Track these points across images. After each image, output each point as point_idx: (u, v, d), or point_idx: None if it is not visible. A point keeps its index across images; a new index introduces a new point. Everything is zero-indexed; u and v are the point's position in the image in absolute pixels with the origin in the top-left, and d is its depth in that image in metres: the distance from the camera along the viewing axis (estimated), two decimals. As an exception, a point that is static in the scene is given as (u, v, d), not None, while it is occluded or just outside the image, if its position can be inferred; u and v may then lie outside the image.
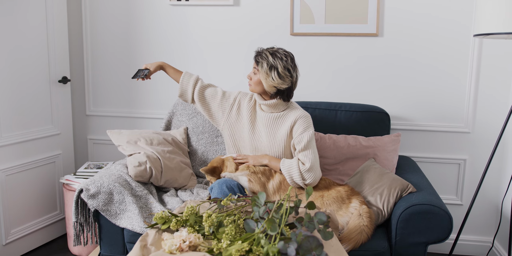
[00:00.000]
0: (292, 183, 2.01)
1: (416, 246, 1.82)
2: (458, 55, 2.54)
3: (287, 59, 2.00)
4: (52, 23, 2.66)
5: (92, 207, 1.98)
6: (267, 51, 2.02)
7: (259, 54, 2.03)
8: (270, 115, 2.12)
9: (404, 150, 2.67)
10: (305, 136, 2.03)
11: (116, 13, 2.86)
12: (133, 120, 2.96)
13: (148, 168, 2.16)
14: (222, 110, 2.21)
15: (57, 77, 2.73)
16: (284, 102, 2.11)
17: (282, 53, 2.01)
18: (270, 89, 2.04)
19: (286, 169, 2.01)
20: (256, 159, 2.09)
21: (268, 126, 2.12)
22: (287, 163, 2.02)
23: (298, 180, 1.98)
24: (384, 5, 2.56)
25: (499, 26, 1.76)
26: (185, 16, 2.79)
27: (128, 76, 2.91)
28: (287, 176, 2.00)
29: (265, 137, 2.12)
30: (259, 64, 2.01)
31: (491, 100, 2.54)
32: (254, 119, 2.17)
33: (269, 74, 1.99)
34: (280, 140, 2.09)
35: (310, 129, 2.06)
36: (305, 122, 2.06)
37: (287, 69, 2.00)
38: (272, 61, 1.98)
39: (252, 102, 2.19)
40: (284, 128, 2.09)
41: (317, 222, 1.31)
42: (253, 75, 2.07)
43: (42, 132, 2.65)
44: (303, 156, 2.02)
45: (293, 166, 2.00)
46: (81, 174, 2.56)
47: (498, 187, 2.59)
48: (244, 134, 2.17)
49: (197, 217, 1.40)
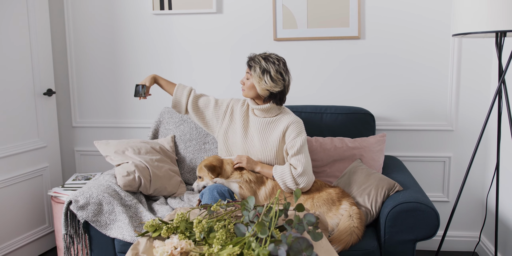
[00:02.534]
0: (286, 188, 2.03)
1: (405, 244, 1.84)
2: (439, 54, 2.60)
3: (279, 63, 2.05)
4: (35, 35, 2.65)
5: (82, 218, 1.98)
6: (259, 56, 2.07)
7: (252, 59, 2.08)
8: (263, 120, 2.15)
9: (390, 150, 2.71)
10: (298, 141, 2.06)
11: (100, 23, 2.87)
12: (120, 130, 2.96)
13: (137, 177, 2.16)
14: (216, 117, 2.23)
15: (42, 89, 2.72)
16: (277, 106, 2.14)
17: (274, 57, 2.06)
18: (263, 93, 2.07)
19: (279, 175, 2.03)
20: (250, 163, 2.10)
21: (260, 131, 2.14)
22: (279, 169, 2.05)
23: (292, 185, 2.01)
24: (365, 6, 2.61)
25: (475, 26, 1.81)
26: (168, 25, 2.81)
27: (113, 86, 2.91)
28: (280, 182, 2.03)
29: (257, 142, 2.14)
30: (252, 68, 2.05)
31: (473, 98, 2.60)
32: (247, 124, 2.19)
33: (262, 78, 2.03)
34: (273, 145, 2.11)
35: (303, 134, 2.09)
36: (298, 128, 2.10)
37: (279, 72, 2.04)
38: (264, 65, 2.02)
39: (244, 107, 2.22)
40: (276, 133, 2.11)
41: (306, 223, 1.33)
42: (246, 80, 2.10)
43: (28, 145, 2.63)
44: (296, 161, 2.05)
45: (286, 172, 2.02)
46: (69, 186, 2.54)
47: (482, 183, 2.65)
48: (236, 138, 2.19)
49: (187, 223, 1.41)
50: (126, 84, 2.90)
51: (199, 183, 2.15)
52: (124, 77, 2.90)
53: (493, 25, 1.76)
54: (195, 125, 2.57)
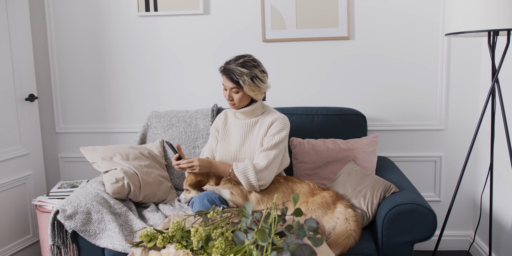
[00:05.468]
0: (248, 186, 1.96)
1: (402, 246, 1.82)
2: (429, 53, 2.60)
3: (257, 63, 2.02)
4: (16, 40, 2.55)
5: (70, 228, 1.90)
6: (235, 66, 1.97)
7: (232, 73, 1.97)
8: (247, 122, 2.12)
9: (381, 151, 2.70)
10: (276, 137, 2.03)
11: (83, 26, 2.78)
12: (106, 136, 2.87)
13: (126, 184, 2.10)
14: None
15: (23, 95, 2.62)
16: (260, 104, 2.12)
17: (248, 60, 2.01)
18: (261, 96, 2.06)
19: (241, 171, 1.95)
20: (204, 166, 1.99)
21: (245, 133, 2.11)
22: (241, 165, 1.97)
23: (254, 181, 1.94)
24: (354, 6, 2.59)
25: (468, 25, 1.80)
26: (154, 27, 2.74)
27: (98, 90, 2.83)
28: (242, 179, 1.95)
29: (243, 145, 2.10)
30: (240, 82, 1.97)
31: (462, 97, 2.61)
32: (228, 131, 2.18)
33: (255, 85, 1.99)
34: (259, 145, 2.08)
35: (284, 132, 2.06)
36: (281, 124, 2.07)
37: (262, 71, 2.02)
38: (248, 72, 1.97)
39: (222, 118, 2.22)
40: (261, 132, 2.08)
41: (307, 229, 1.29)
42: (234, 94, 2.03)
43: (10, 153, 2.53)
44: (265, 155, 2.00)
45: (248, 168, 1.95)
46: (55, 194, 2.45)
47: (474, 182, 2.65)
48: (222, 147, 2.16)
49: (183, 232, 1.35)
50: (111, 88, 2.82)
51: (186, 195, 2.07)
52: (109, 80, 2.82)
53: (486, 24, 1.76)
54: (184, 129, 2.51)
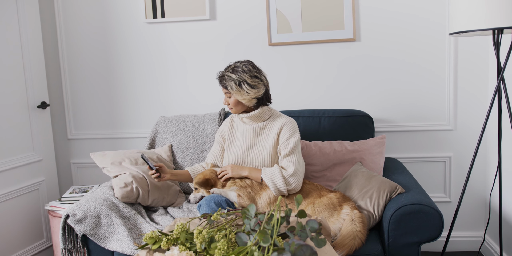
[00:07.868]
0: (276, 190, 1.99)
1: (409, 247, 1.81)
2: (436, 54, 2.59)
3: (249, 67, 2.03)
4: (27, 48, 2.62)
5: (80, 232, 1.94)
6: (227, 71, 2.05)
7: (222, 79, 2.05)
8: (254, 126, 2.13)
9: (390, 152, 2.69)
10: (291, 141, 2.04)
11: (93, 34, 2.84)
12: (116, 141, 2.92)
13: (135, 188, 2.13)
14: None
15: (35, 102, 2.69)
16: (267, 108, 2.12)
17: (240, 66, 2.03)
18: (251, 103, 2.06)
19: (269, 177, 1.99)
20: (236, 170, 2.08)
21: (253, 138, 2.12)
22: (269, 171, 2.01)
23: (282, 186, 1.97)
24: (359, 8, 2.60)
25: (472, 24, 1.80)
26: (162, 33, 2.79)
27: (108, 97, 2.88)
28: (270, 184, 1.99)
29: (251, 150, 2.12)
30: (228, 87, 2.03)
31: (471, 96, 2.59)
32: (234, 136, 2.19)
33: (242, 90, 2.01)
34: (268, 149, 2.09)
35: (296, 135, 2.07)
36: (291, 128, 2.08)
37: (254, 76, 2.02)
38: (237, 77, 2.00)
39: (229, 124, 2.23)
40: (271, 137, 2.09)
41: (309, 230, 1.30)
42: (229, 99, 2.09)
43: (24, 159, 2.59)
44: (288, 161, 2.02)
45: (276, 173, 1.99)
46: (67, 199, 2.50)
47: (484, 182, 2.62)
48: (230, 152, 2.18)
49: (187, 234, 1.38)
50: (120, 94, 2.87)
51: (195, 194, 2.13)
52: (118, 87, 2.87)
53: (490, 22, 1.75)
54: (192, 134, 2.54)
